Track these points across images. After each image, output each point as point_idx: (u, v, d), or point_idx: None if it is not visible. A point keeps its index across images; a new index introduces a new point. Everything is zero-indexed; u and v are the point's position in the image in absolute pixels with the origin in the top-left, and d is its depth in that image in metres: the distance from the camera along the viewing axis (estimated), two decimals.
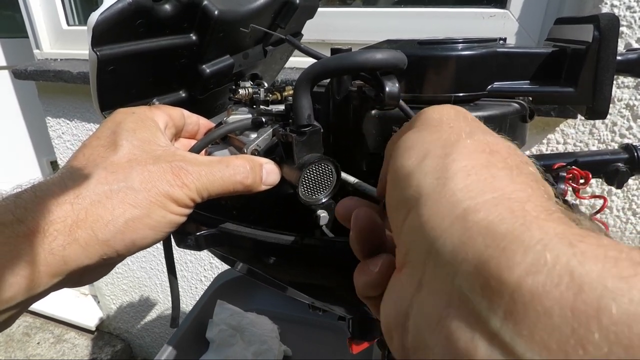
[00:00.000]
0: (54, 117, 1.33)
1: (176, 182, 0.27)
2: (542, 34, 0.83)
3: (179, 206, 0.27)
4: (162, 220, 0.27)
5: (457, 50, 0.30)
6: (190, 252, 1.31)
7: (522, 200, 0.15)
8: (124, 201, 0.25)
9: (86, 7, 1.28)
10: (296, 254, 0.31)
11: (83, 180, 0.26)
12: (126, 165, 0.27)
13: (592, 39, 0.29)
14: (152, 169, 0.27)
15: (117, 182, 0.26)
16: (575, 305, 0.11)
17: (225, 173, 0.28)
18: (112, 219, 0.25)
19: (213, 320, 0.87)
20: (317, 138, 0.29)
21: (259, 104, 0.36)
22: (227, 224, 0.32)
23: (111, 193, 0.25)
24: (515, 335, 0.12)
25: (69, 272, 0.25)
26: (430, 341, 0.14)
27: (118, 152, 0.27)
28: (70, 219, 0.24)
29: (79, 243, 0.24)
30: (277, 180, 0.31)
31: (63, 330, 1.71)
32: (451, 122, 0.20)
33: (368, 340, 0.39)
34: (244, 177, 0.29)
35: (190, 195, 0.27)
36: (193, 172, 0.28)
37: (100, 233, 0.25)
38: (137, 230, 0.26)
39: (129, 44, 0.33)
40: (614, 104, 0.76)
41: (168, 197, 0.27)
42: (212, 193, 0.28)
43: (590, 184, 0.81)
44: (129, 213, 0.25)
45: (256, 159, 0.30)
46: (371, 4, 1.05)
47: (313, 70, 0.27)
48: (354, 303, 0.35)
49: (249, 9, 0.38)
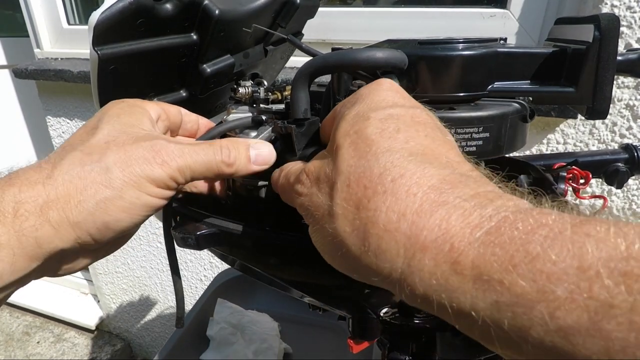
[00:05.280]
0: (54, 116, 1.33)
1: (155, 160, 0.26)
2: (542, 34, 0.83)
3: (157, 187, 0.26)
4: (136, 202, 0.26)
5: (458, 50, 0.31)
6: (190, 252, 1.31)
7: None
8: (96, 181, 0.24)
9: (87, 6, 1.28)
10: (296, 254, 0.31)
11: (58, 162, 0.25)
12: (103, 147, 0.26)
13: (592, 39, 0.30)
14: (130, 148, 0.26)
15: (90, 163, 0.25)
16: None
17: (209, 152, 0.28)
18: (83, 199, 0.24)
19: (213, 318, 0.87)
20: (316, 129, 0.29)
21: (259, 103, 0.37)
22: (227, 224, 0.32)
23: (84, 173, 0.25)
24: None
25: (45, 256, 0.24)
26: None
27: (97, 135, 0.26)
28: (42, 198, 0.23)
29: (50, 224, 0.23)
30: (270, 160, 0.30)
31: (63, 330, 1.71)
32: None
33: (368, 340, 0.39)
34: (227, 156, 0.28)
35: (170, 174, 0.26)
36: (175, 149, 0.26)
37: (71, 214, 0.24)
38: (108, 211, 0.25)
39: (129, 43, 0.33)
40: (614, 104, 0.76)
41: (145, 177, 0.25)
42: (195, 173, 0.27)
43: (590, 184, 0.81)
44: (100, 194, 0.24)
45: (242, 139, 0.30)
46: (371, 3, 1.05)
47: (313, 64, 0.27)
48: (354, 302, 0.35)
49: (249, 8, 0.38)
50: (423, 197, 0.17)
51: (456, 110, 0.31)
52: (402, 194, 0.18)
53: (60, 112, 1.31)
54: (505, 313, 0.14)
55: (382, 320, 0.36)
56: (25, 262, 0.23)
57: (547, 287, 0.13)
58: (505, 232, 0.15)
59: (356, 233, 0.19)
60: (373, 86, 0.24)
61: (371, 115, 0.21)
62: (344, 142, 0.21)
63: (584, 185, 0.38)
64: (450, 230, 0.16)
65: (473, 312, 0.14)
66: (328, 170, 0.21)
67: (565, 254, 0.13)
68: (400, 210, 0.17)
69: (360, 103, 0.23)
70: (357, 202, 0.19)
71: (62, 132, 1.35)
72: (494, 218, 0.15)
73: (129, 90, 0.36)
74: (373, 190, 0.18)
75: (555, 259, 0.13)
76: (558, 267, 0.13)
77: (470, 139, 0.31)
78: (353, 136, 0.21)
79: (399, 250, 0.17)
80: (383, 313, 0.35)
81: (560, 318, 0.12)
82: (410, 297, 0.17)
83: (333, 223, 0.20)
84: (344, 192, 0.20)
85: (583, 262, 0.13)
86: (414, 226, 0.17)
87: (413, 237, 0.17)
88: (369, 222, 0.18)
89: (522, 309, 0.13)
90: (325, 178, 0.21)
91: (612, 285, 0.12)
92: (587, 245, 0.13)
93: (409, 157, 0.19)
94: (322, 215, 0.21)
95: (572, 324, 0.12)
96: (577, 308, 0.12)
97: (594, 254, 0.13)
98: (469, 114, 0.30)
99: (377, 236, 0.18)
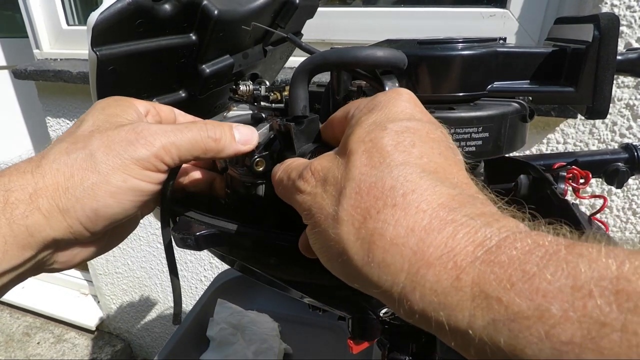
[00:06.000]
0: (53, 117, 1.33)
1: (138, 141, 0.26)
2: (542, 34, 0.83)
3: (143, 168, 0.26)
4: (123, 185, 0.26)
5: (457, 50, 0.30)
6: (190, 252, 1.31)
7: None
8: (82, 167, 0.25)
9: (86, 7, 1.28)
10: (296, 254, 0.31)
11: (46, 153, 0.26)
12: (87, 135, 0.26)
13: (592, 39, 0.29)
14: (112, 133, 0.26)
15: (76, 151, 0.25)
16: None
17: (192, 129, 0.28)
18: (70, 186, 0.24)
19: (213, 318, 0.87)
20: (315, 127, 0.29)
21: (260, 101, 0.37)
22: (227, 224, 0.32)
23: (70, 161, 0.25)
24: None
25: (38, 245, 0.24)
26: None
27: (82, 126, 0.27)
28: (31, 187, 0.24)
29: (40, 212, 0.24)
30: (252, 140, 0.30)
31: (63, 330, 1.71)
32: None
33: (368, 340, 0.39)
34: (212, 132, 0.28)
35: (155, 152, 0.26)
36: (158, 129, 0.27)
37: (60, 202, 0.24)
38: (96, 197, 0.25)
39: (128, 44, 0.33)
40: (614, 103, 0.76)
41: (129, 158, 0.26)
42: (182, 150, 0.27)
43: (590, 184, 0.81)
44: (87, 180, 0.25)
45: (226, 122, 0.30)
46: (371, 3, 1.05)
47: (313, 61, 0.27)
48: (354, 302, 0.35)
49: (249, 8, 0.38)
50: (432, 214, 0.17)
51: (455, 110, 0.31)
52: (412, 209, 0.18)
53: (60, 113, 1.31)
54: (502, 331, 0.14)
55: (382, 321, 0.36)
56: (17, 250, 0.24)
57: (543, 305, 0.13)
58: (505, 251, 0.15)
59: (360, 243, 0.19)
60: (392, 95, 0.24)
61: (388, 125, 0.21)
62: (358, 148, 0.21)
63: (583, 185, 0.38)
64: (455, 248, 0.16)
65: (470, 330, 0.15)
66: (337, 173, 0.21)
67: (560, 274, 0.13)
68: (409, 225, 0.17)
69: (377, 111, 0.23)
70: (365, 212, 0.19)
71: (61, 132, 1.35)
72: (495, 237, 0.16)
73: (127, 90, 0.36)
74: (383, 202, 0.19)
75: (550, 278, 0.13)
76: (553, 285, 0.13)
77: (470, 139, 0.31)
78: (368, 144, 0.21)
79: (403, 265, 0.17)
80: (383, 313, 0.35)
81: (555, 336, 0.13)
82: (408, 313, 0.17)
83: (337, 228, 0.20)
84: (352, 199, 0.19)
85: (577, 281, 0.13)
86: (421, 242, 0.17)
87: (419, 253, 0.17)
88: (376, 233, 0.18)
89: (518, 327, 0.13)
90: (333, 180, 0.21)
91: (604, 304, 0.12)
92: (580, 265, 0.13)
93: (421, 173, 0.19)
94: (326, 218, 0.21)
95: (566, 342, 0.12)
96: (572, 326, 0.12)
97: (587, 274, 0.13)
98: (468, 114, 0.30)
99: (382, 249, 0.18)
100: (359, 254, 0.19)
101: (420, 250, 0.17)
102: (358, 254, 0.19)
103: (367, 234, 0.18)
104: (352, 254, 0.19)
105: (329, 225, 0.20)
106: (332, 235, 0.20)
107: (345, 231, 0.19)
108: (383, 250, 0.18)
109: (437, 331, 0.16)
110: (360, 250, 0.19)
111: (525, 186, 0.38)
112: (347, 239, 0.19)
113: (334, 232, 0.20)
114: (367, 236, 0.18)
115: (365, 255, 0.18)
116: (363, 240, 0.18)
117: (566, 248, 0.14)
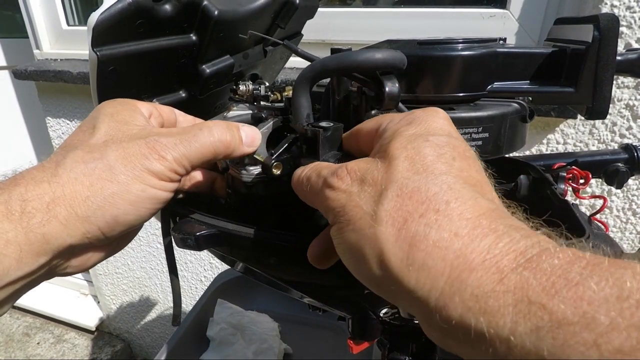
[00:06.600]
0: (54, 117, 1.33)
1: (152, 156, 0.27)
2: (542, 34, 0.83)
3: (159, 179, 0.27)
4: (142, 194, 0.27)
5: (457, 50, 0.31)
6: (190, 252, 1.31)
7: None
8: (101, 177, 0.26)
9: (86, 7, 1.28)
10: (296, 254, 0.31)
11: (61, 161, 0.26)
12: (102, 145, 0.27)
13: (592, 39, 0.30)
14: (127, 145, 0.27)
15: (93, 161, 0.26)
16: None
17: (200, 136, 0.28)
18: (91, 194, 0.25)
19: (213, 319, 0.87)
20: (339, 135, 0.28)
21: (260, 100, 0.37)
22: (227, 224, 0.32)
23: (88, 171, 0.26)
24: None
25: (53, 251, 0.25)
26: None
27: (95, 135, 0.28)
28: (48, 196, 0.24)
29: (58, 220, 0.24)
30: (257, 141, 0.31)
31: (63, 331, 1.71)
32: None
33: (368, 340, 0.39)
34: (222, 134, 0.29)
35: (169, 167, 0.27)
36: (167, 142, 0.28)
37: (79, 209, 0.25)
38: (116, 205, 0.26)
39: (129, 44, 0.33)
40: (614, 104, 0.76)
41: (146, 170, 0.27)
42: (193, 160, 0.28)
43: (590, 184, 0.81)
44: (108, 188, 0.26)
45: (231, 122, 0.31)
46: (371, 4, 1.05)
47: (313, 69, 0.27)
48: (354, 303, 0.35)
49: (249, 9, 0.38)
50: (475, 222, 0.18)
51: (455, 110, 0.31)
52: (455, 216, 0.18)
53: (60, 113, 1.31)
54: (546, 339, 0.14)
55: (382, 321, 0.36)
56: (32, 257, 0.24)
57: (589, 313, 0.13)
58: (547, 260, 0.15)
59: (400, 244, 0.18)
60: (430, 112, 0.24)
61: (430, 138, 0.22)
62: (400, 154, 0.21)
63: (583, 185, 0.38)
64: (498, 254, 0.16)
65: (512, 336, 0.14)
66: (377, 174, 0.21)
67: (604, 284, 0.14)
68: (453, 230, 0.18)
69: (417, 125, 0.23)
70: (407, 214, 0.19)
71: (61, 133, 1.35)
72: (536, 247, 0.16)
73: (128, 91, 0.36)
74: (426, 207, 0.19)
75: (595, 287, 0.14)
76: (598, 295, 0.13)
77: (470, 139, 0.31)
78: (410, 151, 0.21)
79: (444, 269, 0.17)
80: (383, 313, 0.35)
81: (602, 344, 0.13)
82: (444, 321, 0.17)
83: (375, 228, 0.19)
84: (393, 200, 0.19)
85: (622, 292, 0.13)
86: (465, 247, 0.17)
87: (462, 257, 0.17)
88: (418, 235, 0.18)
89: (563, 334, 0.13)
90: (372, 181, 0.21)
91: None
92: (624, 276, 0.14)
93: (463, 184, 0.19)
94: (362, 217, 0.20)
95: (614, 351, 0.12)
96: (620, 335, 0.12)
97: (633, 285, 0.13)
98: (468, 114, 0.30)
99: (424, 251, 0.18)
100: (398, 255, 0.18)
101: (463, 254, 0.17)
102: (397, 255, 0.18)
103: (408, 236, 0.18)
104: (390, 255, 0.19)
105: (365, 224, 0.20)
106: (368, 234, 0.20)
107: (384, 231, 0.19)
108: (425, 253, 0.18)
109: (475, 340, 0.16)
110: (400, 252, 0.18)
111: (525, 186, 0.38)
112: (386, 239, 0.19)
113: (371, 232, 0.19)
114: (408, 238, 0.18)
115: (405, 257, 0.18)
116: (403, 242, 0.18)
117: (609, 261, 0.14)
